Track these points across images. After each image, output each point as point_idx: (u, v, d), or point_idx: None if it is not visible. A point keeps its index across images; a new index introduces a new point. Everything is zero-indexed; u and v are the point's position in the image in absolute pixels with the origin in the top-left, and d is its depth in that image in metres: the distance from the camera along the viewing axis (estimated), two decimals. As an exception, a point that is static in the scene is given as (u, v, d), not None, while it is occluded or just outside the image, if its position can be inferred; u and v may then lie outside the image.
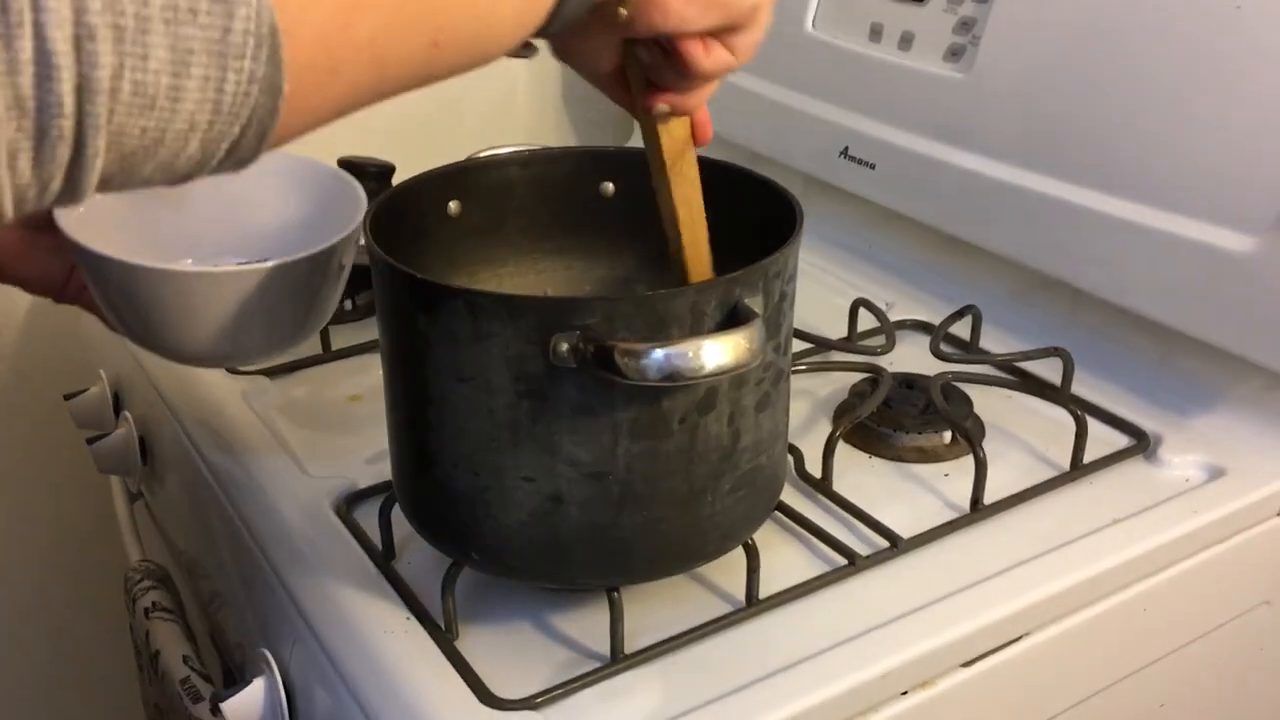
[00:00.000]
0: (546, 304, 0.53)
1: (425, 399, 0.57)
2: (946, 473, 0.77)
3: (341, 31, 0.39)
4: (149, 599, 0.87)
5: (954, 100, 0.90)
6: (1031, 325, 0.92)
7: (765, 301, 0.55)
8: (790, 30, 1.03)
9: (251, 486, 0.76)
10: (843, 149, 1.00)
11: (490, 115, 1.36)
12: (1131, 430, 0.80)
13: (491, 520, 0.57)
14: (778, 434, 0.61)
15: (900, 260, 1.02)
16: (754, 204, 0.65)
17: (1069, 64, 0.83)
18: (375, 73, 0.41)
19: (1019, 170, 0.87)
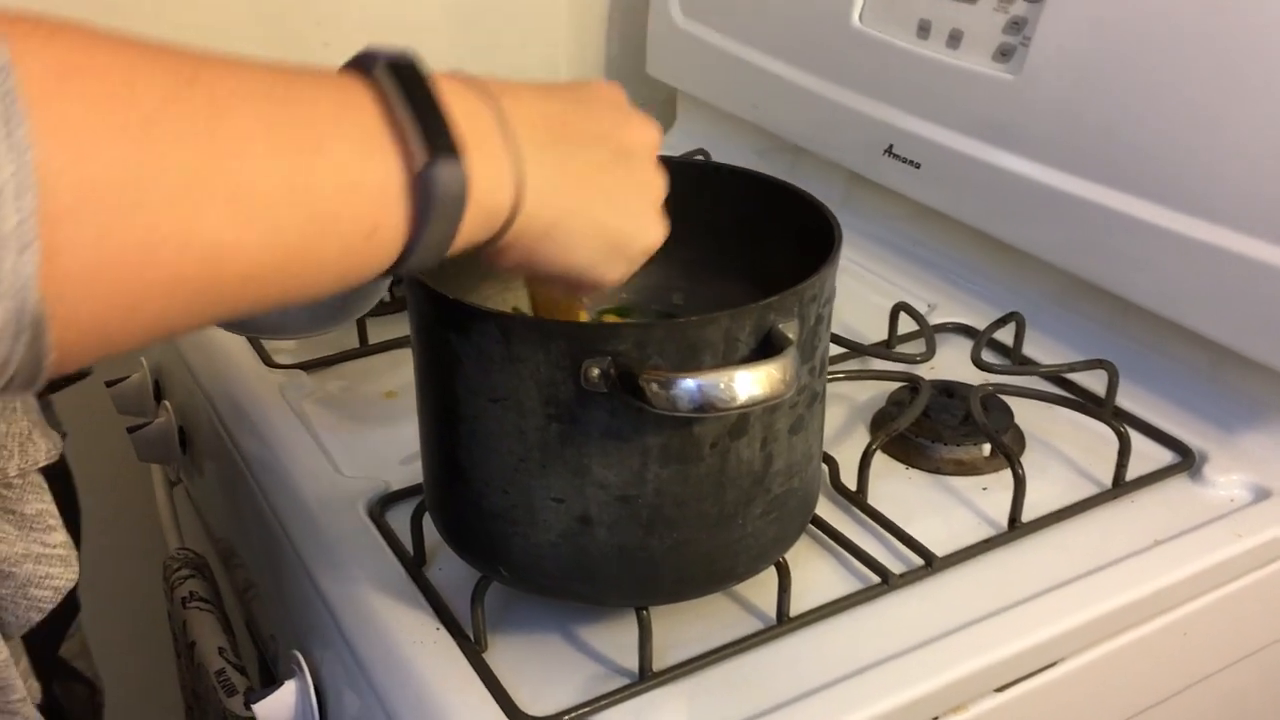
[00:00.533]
0: (578, 330, 0.52)
1: (457, 417, 0.56)
2: (985, 486, 0.76)
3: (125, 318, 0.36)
4: (186, 588, 0.88)
5: (1002, 101, 0.88)
6: (1077, 332, 0.90)
7: (800, 326, 0.54)
8: (836, 23, 1.01)
9: (286, 484, 0.77)
10: (887, 147, 0.98)
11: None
12: (1177, 447, 0.79)
13: (521, 538, 0.57)
14: (811, 455, 0.61)
15: (944, 261, 1.00)
16: (794, 217, 0.64)
17: (1121, 70, 0.81)
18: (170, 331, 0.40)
19: (1067, 175, 0.85)
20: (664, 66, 1.27)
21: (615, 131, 0.51)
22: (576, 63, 1.36)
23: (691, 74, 1.23)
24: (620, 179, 0.50)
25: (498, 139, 0.45)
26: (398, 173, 0.41)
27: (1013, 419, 0.80)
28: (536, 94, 0.48)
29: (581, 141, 0.49)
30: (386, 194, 0.41)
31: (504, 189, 0.45)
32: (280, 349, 0.91)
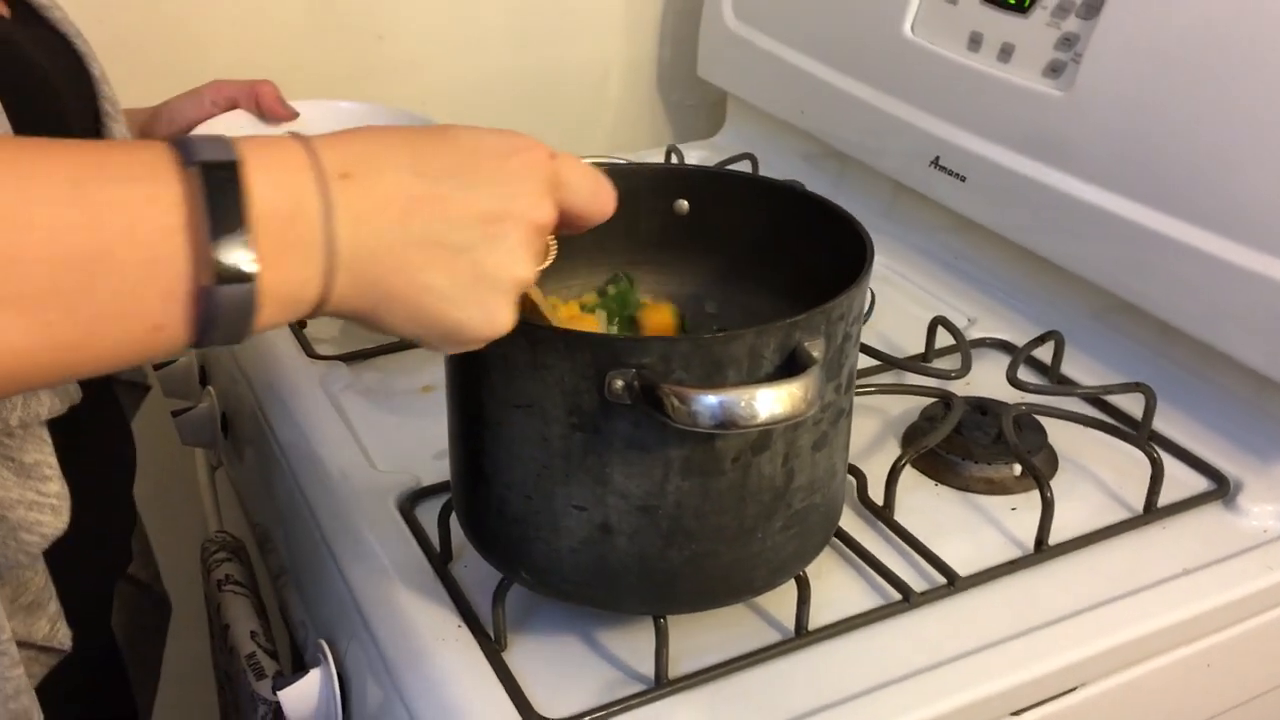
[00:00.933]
0: (603, 341, 0.53)
1: (482, 422, 0.57)
2: (1014, 506, 0.75)
3: None
4: (223, 571, 0.90)
5: (1051, 118, 0.88)
6: (1119, 353, 0.89)
7: (827, 344, 0.55)
8: (887, 32, 1.01)
9: (320, 474, 0.78)
10: (934, 158, 0.98)
11: (585, 95, 1.36)
12: (1212, 474, 0.78)
13: (542, 543, 0.58)
14: (835, 471, 0.61)
15: (987, 275, 1.00)
16: (829, 232, 0.64)
17: (1172, 92, 0.80)
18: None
19: (1112, 195, 0.84)
20: (715, 69, 1.27)
21: (487, 217, 0.48)
22: (628, 64, 1.36)
23: (741, 77, 1.23)
24: (466, 268, 0.48)
25: (313, 237, 0.44)
26: (186, 281, 0.41)
27: (1046, 439, 0.79)
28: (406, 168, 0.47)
29: (435, 227, 0.47)
30: (172, 299, 0.42)
31: (310, 286, 0.45)
32: (322, 339, 0.92)
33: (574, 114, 1.37)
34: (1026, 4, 0.90)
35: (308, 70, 1.18)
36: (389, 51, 1.24)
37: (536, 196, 0.50)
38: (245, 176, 0.42)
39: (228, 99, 0.87)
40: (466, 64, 1.29)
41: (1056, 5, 0.88)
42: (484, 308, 0.49)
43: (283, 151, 0.45)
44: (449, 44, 1.27)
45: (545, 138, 1.47)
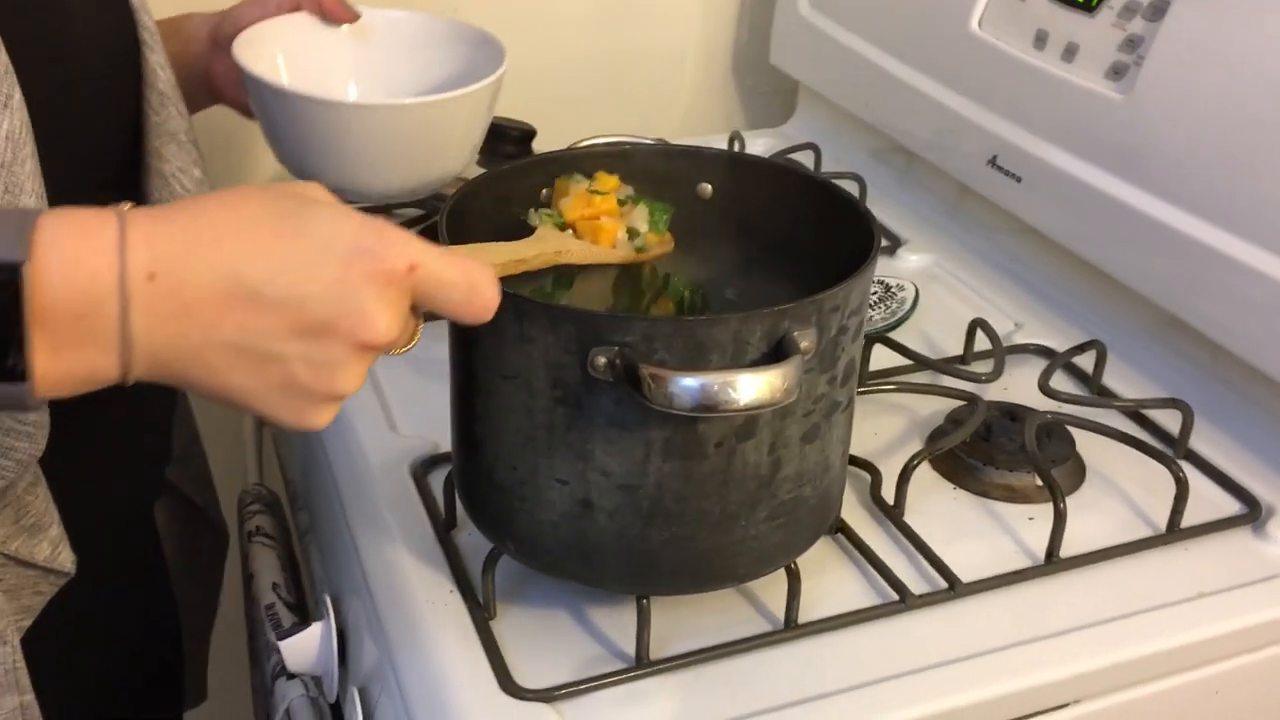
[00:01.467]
0: (588, 317, 0.53)
1: (474, 388, 0.58)
2: (1032, 516, 0.74)
3: None
4: (254, 523, 0.92)
5: (1110, 122, 0.85)
6: (1165, 367, 0.87)
7: (819, 335, 0.54)
8: (955, 27, 0.99)
9: (343, 435, 0.80)
10: (991, 157, 0.96)
11: (660, 79, 1.36)
12: (1245, 497, 0.75)
13: (526, 514, 0.58)
14: (829, 465, 0.60)
15: (1039, 280, 0.98)
16: (848, 225, 0.63)
17: (1234, 101, 0.77)
18: None
19: (1167, 205, 0.81)
20: (787, 57, 1.26)
21: (317, 325, 0.46)
22: (703, 48, 1.35)
23: (812, 66, 1.22)
24: (276, 376, 0.47)
25: (105, 335, 0.44)
26: None
27: (1074, 449, 0.77)
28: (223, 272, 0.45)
29: (247, 336, 0.46)
30: None
31: (101, 373, 0.45)
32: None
33: (648, 97, 1.37)
34: (1094, 3, 0.87)
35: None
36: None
37: (373, 314, 0.47)
38: (33, 275, 0.42)
39: (291, 2, 0.88)
40: (541, 43, 1.29)
41: (1124, 5, 0.85)
42: (293, 412, 0.49)
43: (90, 242, 0.44)
44: (524, 22, 1.28)
45: (618, 119, 1.47)
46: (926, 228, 1.07)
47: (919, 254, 1.04)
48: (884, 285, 0.95)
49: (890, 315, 0.92)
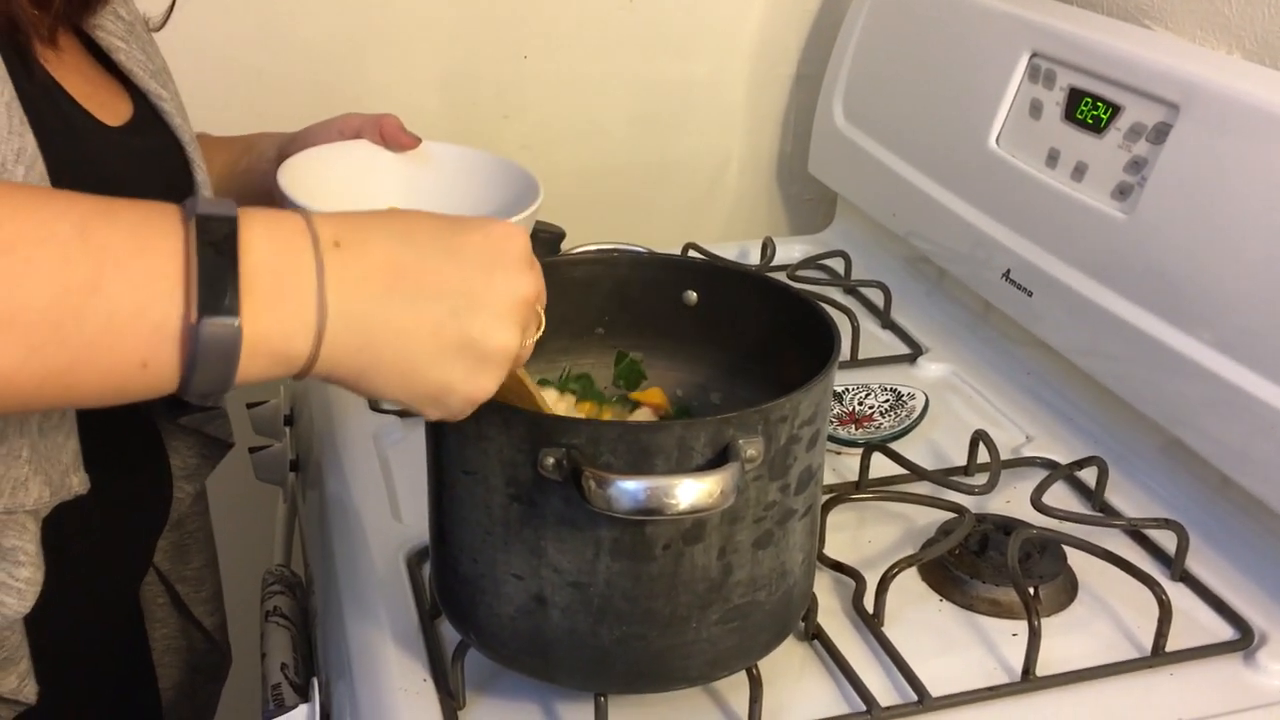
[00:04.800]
0: (537, 419, 0.55)
1: (441, 483, 0.60)
2: (1015, 632, 0.73)
3: None
4: (273, 603, 0.95)
5: (1114, 240, 0.86)
6: (1171, 485, 0.86)
7: (767, 444, 0.56)
8: (975, 143, 1.01)
9: (349, 521, 0.83)
10: (1005, 271, 0.97)
11: (705, 183, 1.39)
12: (1238, 623, 0.74)
13: (486, 607, 0.60)
14: (785, 571, 0.61)
15: (1051, 394, 0.98)
16: (818, 334, 0.65)
17: (1230, 224, 0.77)
18: None
19: (1167, 327, 0.82)
20: (823, 166, 1.29)
21: (473, 286, 0.51)
22: (748, 155, 1.39)
23: (845, 176, 1.25)
24: (451, 337, 0.51)
25: (304, 294, 0.48)
26: (173, 320, 0.45)
27: (1065, 565, 0.77)
28: (395, 239, 0.51)
29: (422, 294, 0.50)
30: (159, 336, 0.45)
31: (299, 340, 0.48)
32: (388, 395, 0.97)
33: (692, 201, 1.40)
34: (1103, 124, 0.89)
35: (434, 143, 1.25)
36: (514, 130, 1.30)
37: (518, 270, 0.52)
38: (241, 231, 0.47)
39: (354, 129, 0.92)
40: (589, 147, 1.34)
41: (1130, 127, 0.87)
42: (469, 373, 0.51)
43: (281, 218, 0.49)
44: (572, 127, 1.33)
45: (663, 223, 1.51)
46: (949, 338, 1.08)
47: (938, 363, 1.04)
48: (895, 393, 0.96)
49: (899, 423, 0.93)
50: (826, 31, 1.31)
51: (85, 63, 0.71)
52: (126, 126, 0.71)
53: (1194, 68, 0.84)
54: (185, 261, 0.45)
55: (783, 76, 1.36)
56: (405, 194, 0.94)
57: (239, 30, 1.19)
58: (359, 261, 0.49)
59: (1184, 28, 0.94)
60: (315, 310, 0.48)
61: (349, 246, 0.49)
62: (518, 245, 0.53)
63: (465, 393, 0.52)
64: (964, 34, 1.05)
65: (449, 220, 0.53)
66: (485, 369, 0.52)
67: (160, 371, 0.46)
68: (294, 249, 0.48)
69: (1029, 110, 0.96)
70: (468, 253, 0.52)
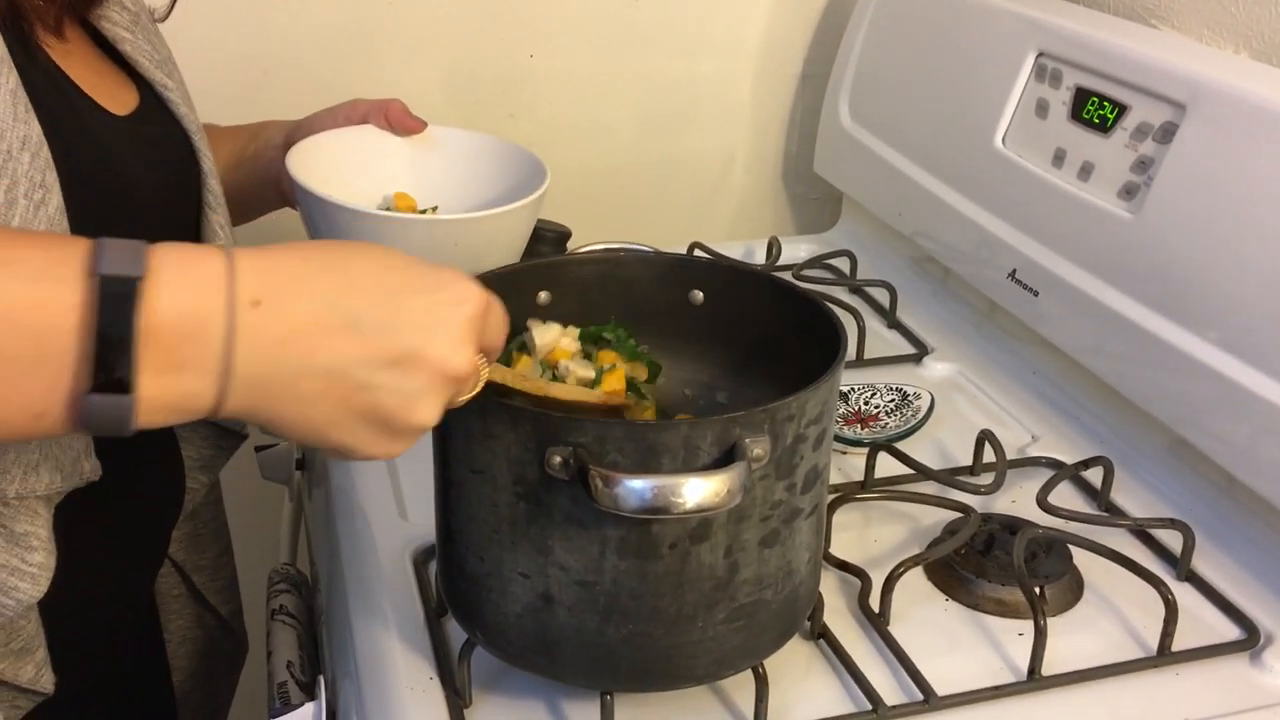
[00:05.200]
0: (544, 418, 0.55)
1: (447, 481, 0.60)
2: (1021, 632, 0.73)
3: None
4: (279, 601, 0.95)
5: (1120, 239, 0.86)
6: (1177, 485, 0.86)
7: (774, 443, 0.56)
8: (980, 143, 1.01)
9: (355, 520, 0.83)
10: (1011, 271, 0.97)
11: (709, 183, 1.39)
12: (1243, 622, 0.74)
13: (493, 606, 0.60)
14: (791, 570, 0.61)
15: (1058, 393, 0.98)
16: (825, 332, 0.65)
17: (1236, 224, 0.77)
18: None
19: (1173, 326, 0.82)
20: (829, 166, 1.29)
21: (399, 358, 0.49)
22: (753, 154, 1.39)
23: (851, 176, 1.25)
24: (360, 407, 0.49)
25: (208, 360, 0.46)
26: (64, 384, 0.44)
27: (1071, 565, 0.77)
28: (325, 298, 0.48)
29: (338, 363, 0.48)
30: (53, 395, 0.45)
31: (198, 400, 0.47)
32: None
33: (698, 200, 1.40)
34: (1109, 124, 0.89)
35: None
36: (519, 129, 1.30)
37: (456, 343, 0.50)
38: (146, 292, 0.44)
39: (360, 114, 0.93)
40: (594, 146, 1.34)
41: (1136, 127, 0.87)
42: (374, 439, 0.50)
43: (200, 269, 0.47)
44: (578, 125, 1.33)
45: (668, 222, 1.51)
46: (955, 337, 1.08)
47: (944, 362, 1.04)
48: (900, 393, 0.96)
49: (904, 423, 0.93)
50: (832, 30, 1.31)
51: (91, 53, 0.71)
52: (133, 116, 0.71)
53: (1201, 67, 0.84)
54: (81, 319, 0.44)
55: (788, 75, 1.36)
56: (411, 178, 0.94)
57: (245, 29, 1.19)
58: (277, 324, 0.47)
59: (1191, 27, 0.94)
60: (218, 376, 0.47)
61: (270, 306, 0.47)
62: (465, 313, 0.50)
63: (370, 455, 0.51)
64: (970, 33, 1.05)
65: (400, 276, 0.50)
66: (394, 439, 0.51)
67: (54, 423, 0.46)
68: (205, 311, 0.46)
69: (1035, 110, 0.96)
70: (404, 319, 0.49)
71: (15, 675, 0.65)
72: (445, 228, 0.83)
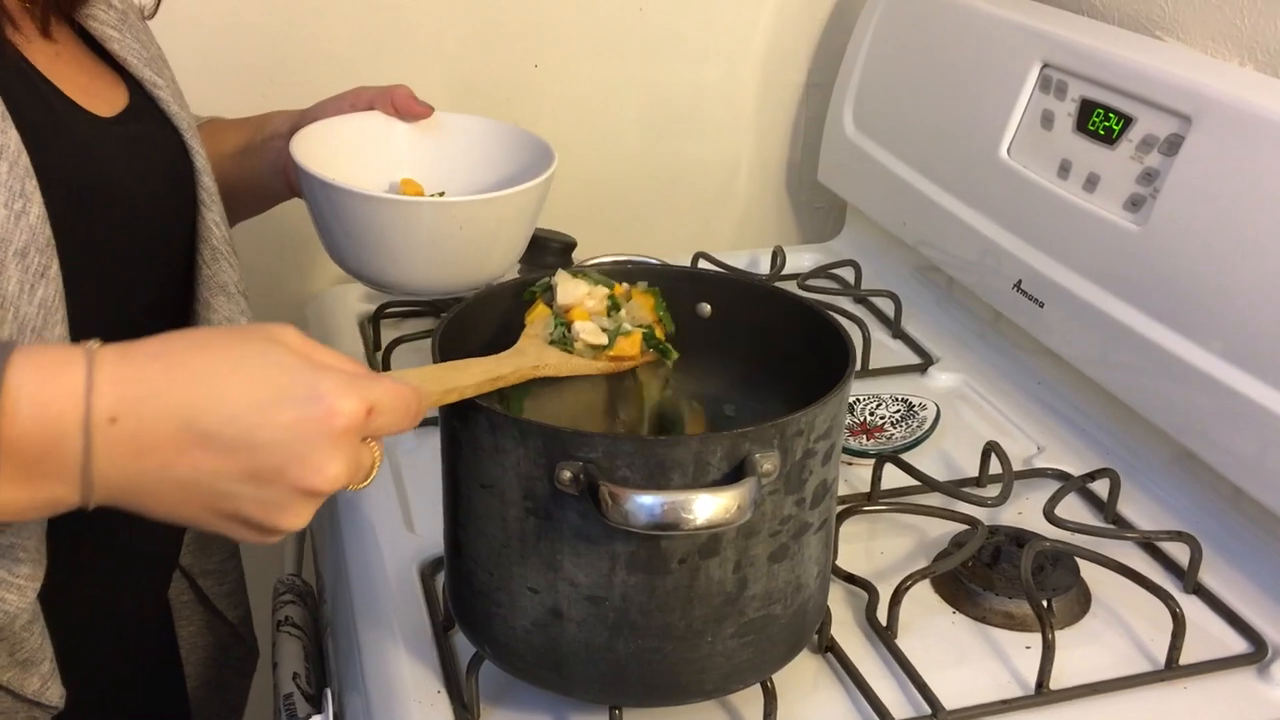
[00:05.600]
0: (554, 432, 0.55)
1: (457, 495, 0.60)
2: (1029, 645, 0.73)
3: None
4: (284, 612, 0.95)
5: (1126, 251, 0.86)
6: (1184, 496, 0.86)
7: (783, 458, 0.56)
8: (986, 153, 1.01)
9: (361, 532, 0.83)
10: (1016, 281, 0.97)
11: (715, 191, 1.40)
12: (1251, 635, 0.74)
13: (501, 620, 0.60)
14: (801, 584, 0.61)
15: (1063, 404, 0.98)
16: (832, 345, 0.65)
17: (1243, 236, 0.78)
18: None
19: (1179, 338, 0.82)
20: (833, 175, 1.29)
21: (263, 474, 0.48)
22: (758, 163, 1.39)
23: (855, 185, 1.25)
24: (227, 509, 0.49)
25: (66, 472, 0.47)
26: None
27: (1078, 578, 0.77)
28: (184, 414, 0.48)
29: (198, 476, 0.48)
30: None
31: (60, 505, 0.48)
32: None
33: (703, 208, 1.40)
34: (1115, 135, 0.89)
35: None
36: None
37: (323, 462, 0.49)
38: (4, 407, 0.45)
39: (366, 101, 0.92)
40: (599, 155, 1.34)
41: (1142, 139, 0.87)
42: (249, 536, 0.51)
43: (58, 383, 0.47)
44: (583, 135, 1.33)
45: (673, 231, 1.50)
46: (960, 347, 1.08)
47: (949, 373, 1.04)
48: (906, 404, 0.96)
49: (910, 434, 0.93)
50: (837, 39, 1.31)
51: (80, 53, 0.71)
52: (122, 115, 0.71)
53: (1206, 79, 0.84)
54: None
55: (793, 84, 1.36)
56: (418, 164, 0.94)
57: (248, 41, 1.19)
58: (134, 440, 0.48)
59: (1196, 39, 0.94)
60: (80, 484, 0.48)
61: (125, 423, 0.48)
62: (336, 427, 0.49)
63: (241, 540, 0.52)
64: (975, 44, 1.05)
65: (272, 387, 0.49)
66: (269, 534, 0.51)
67: None
68: (62, 427, 0.47)
69: (1040, 121, 0.96)
70: (265, 436, 0.48)
71: (21, 686, 0.65)
72: (452, 210, 0.82)
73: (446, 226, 0.81)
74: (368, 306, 1.12)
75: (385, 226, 0.81)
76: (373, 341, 1.06)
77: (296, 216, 1.02)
